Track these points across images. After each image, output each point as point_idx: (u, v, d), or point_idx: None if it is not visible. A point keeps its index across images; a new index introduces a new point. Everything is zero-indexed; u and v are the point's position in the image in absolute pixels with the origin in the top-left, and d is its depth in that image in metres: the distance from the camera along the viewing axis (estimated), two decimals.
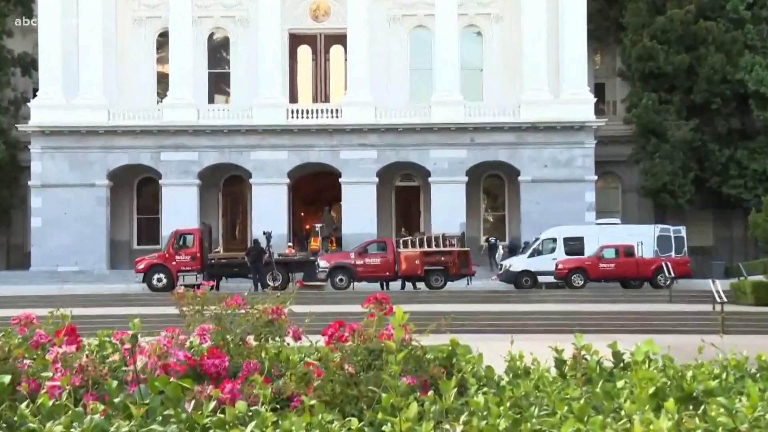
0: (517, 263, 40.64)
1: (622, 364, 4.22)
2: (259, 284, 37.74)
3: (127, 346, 3.95)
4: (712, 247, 51.77)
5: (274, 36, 48.80)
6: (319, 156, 48.19)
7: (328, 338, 4.04)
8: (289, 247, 45.04)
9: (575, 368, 4.10)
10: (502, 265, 42.02)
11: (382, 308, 4.09)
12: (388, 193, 51.02)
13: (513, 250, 46.20)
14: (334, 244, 49.16)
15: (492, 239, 48.33)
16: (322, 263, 39.21)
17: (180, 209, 47.12)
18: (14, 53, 52.29)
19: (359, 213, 47.35)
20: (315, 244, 47.00)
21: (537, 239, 41.75)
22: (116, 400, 3.61)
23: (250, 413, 3.42)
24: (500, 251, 46.39)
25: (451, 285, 39.12)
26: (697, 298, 35.15)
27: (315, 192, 58.94)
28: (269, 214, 46.88)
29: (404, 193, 52.34)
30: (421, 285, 39.21)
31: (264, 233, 39.89)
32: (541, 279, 40.14)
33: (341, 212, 49.35)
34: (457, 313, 22.85)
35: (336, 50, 53.39)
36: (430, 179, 48.10)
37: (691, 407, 3.58)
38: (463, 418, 3.34)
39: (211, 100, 51.83)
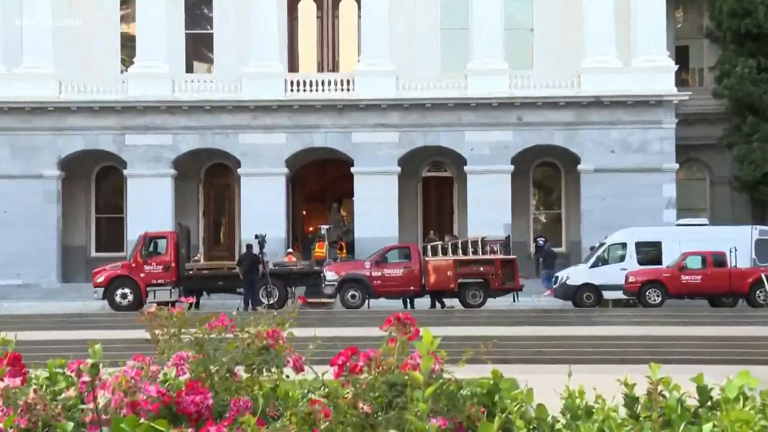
0: (577, 275, 40.60)
1: (710, 403, 4.22)
2: (250, 302, 37.86)
3: (86, 378, 3.97)
4: None
5: None
6: (325, 139, 48.28)
7: (338, 369, 4.05)
8: (290, 254, 45.12)
9: (650, 407, 4.10)
10: (557, 276, 41.96)
11: (406, 331, 4.10)
12: (412, 186, 51.05)
13: (549, 259, 46.00)
14: (344, 251, 49.27)
15: (541, 240, 48.25)
16: (330, 275, 39.32)
17: (150, 207, 47.28)
18: None
19: (376, 211, 47.38)
20: (320, 250, 47.14)
21: (602, 244, 41.67)
22: None
23: None
24: (542, 261, 46.35)
25: (493, 302, 39.17)
26: None
27: (321, 185, 59.00)
28: (263, 212, 46.99)
29: (434, 187, 52.35)
30: (454, 302, 39.24)
31: (256, 237, 39.97)
32: (606, 295, 40.05)
33: (353, 210, 49.40)
34: (500, 338, 22.81)
35: (347, 6, 53.44)
36: (466, 168, 48.12)
37: None
38: None
39: (189, 69, 51.99)
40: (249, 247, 40.13)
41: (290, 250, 46.74)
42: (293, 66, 52.40)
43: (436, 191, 52.41)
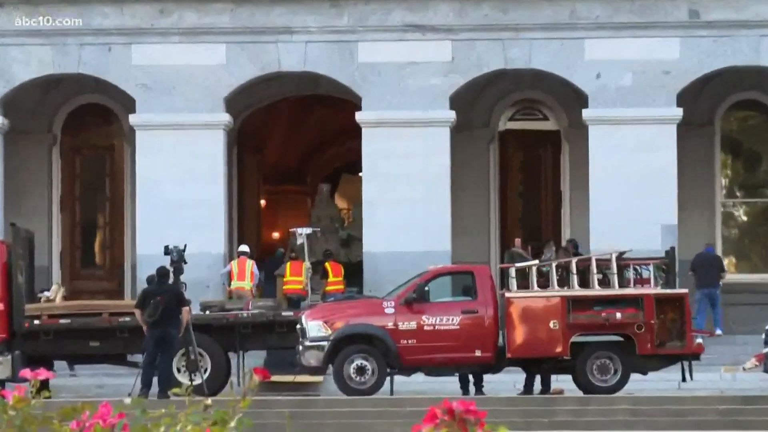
0: None
1: None
2: (157, 380, 38.10)
3: None
4: None
5: None
6: (305, 57, 48.62)
7: None
8: (241, 253, 45.41)
9: None
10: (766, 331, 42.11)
11: None
12: (481, 149, 51.62)
13: (712, 273, 46.01)
14: (341, 279, 49.47)
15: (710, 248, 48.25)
16: (315, 327, 39.50)
17: None
18: None
19: (407, 200, 47.59)
20: (295, 278, 47.38)
21: None
22: None
23: None
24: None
25: (641, 380, 39.26)
26: None
27: (296, 149, 59.26)
28: (181, 201, 47.27)
29: (523, 151, 52.70)
30: (564, 380, 39.33)
31: (167, 252, 40.25)
32: None
33: (361, 199, 49.60)
34: None
35: None
36: (586, 114, 48.37)
37: None
38: None
39: None
40: (163, 274, 40.11)
41: (243, 248, 46.79)
42: None
43: (528, 159, 52.69)
